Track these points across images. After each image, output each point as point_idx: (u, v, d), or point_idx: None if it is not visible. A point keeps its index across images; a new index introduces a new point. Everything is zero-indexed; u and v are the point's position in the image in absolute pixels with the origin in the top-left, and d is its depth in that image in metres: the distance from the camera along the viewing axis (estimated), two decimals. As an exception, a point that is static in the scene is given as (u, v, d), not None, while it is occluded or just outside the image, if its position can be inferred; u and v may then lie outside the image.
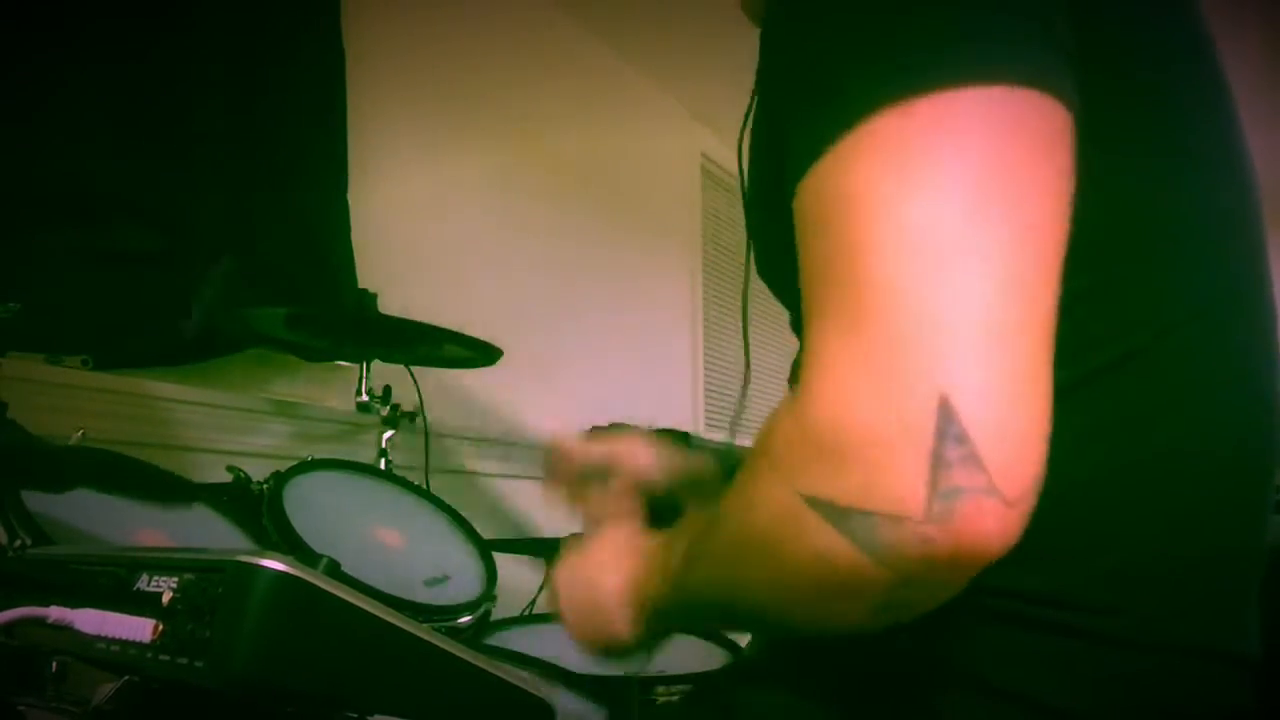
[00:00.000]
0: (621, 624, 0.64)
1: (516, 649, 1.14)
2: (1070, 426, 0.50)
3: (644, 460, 0.84)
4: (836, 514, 0.41)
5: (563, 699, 0.98)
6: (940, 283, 0.41)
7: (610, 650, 0.66)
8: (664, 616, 0.62)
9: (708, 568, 0.54)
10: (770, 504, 0.46)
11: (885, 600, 0.43)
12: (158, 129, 1.53)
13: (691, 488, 0.84)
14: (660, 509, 0.83)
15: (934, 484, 0.39)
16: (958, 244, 0.41)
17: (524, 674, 0.62)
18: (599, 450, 0.86)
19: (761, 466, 0.47)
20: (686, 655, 1.29)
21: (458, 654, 0.57)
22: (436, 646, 0.56)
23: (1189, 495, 0.53)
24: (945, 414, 0.39)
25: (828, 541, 0.42)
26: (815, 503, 0.42)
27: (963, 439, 0.39)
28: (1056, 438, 0.44)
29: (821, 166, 0.45)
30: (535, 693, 0.61)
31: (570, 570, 0.70)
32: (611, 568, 0.66)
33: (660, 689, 1.07)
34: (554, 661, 1.05)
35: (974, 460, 0.39)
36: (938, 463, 0.39)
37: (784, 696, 0.58)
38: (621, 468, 0.84)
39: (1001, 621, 0.52)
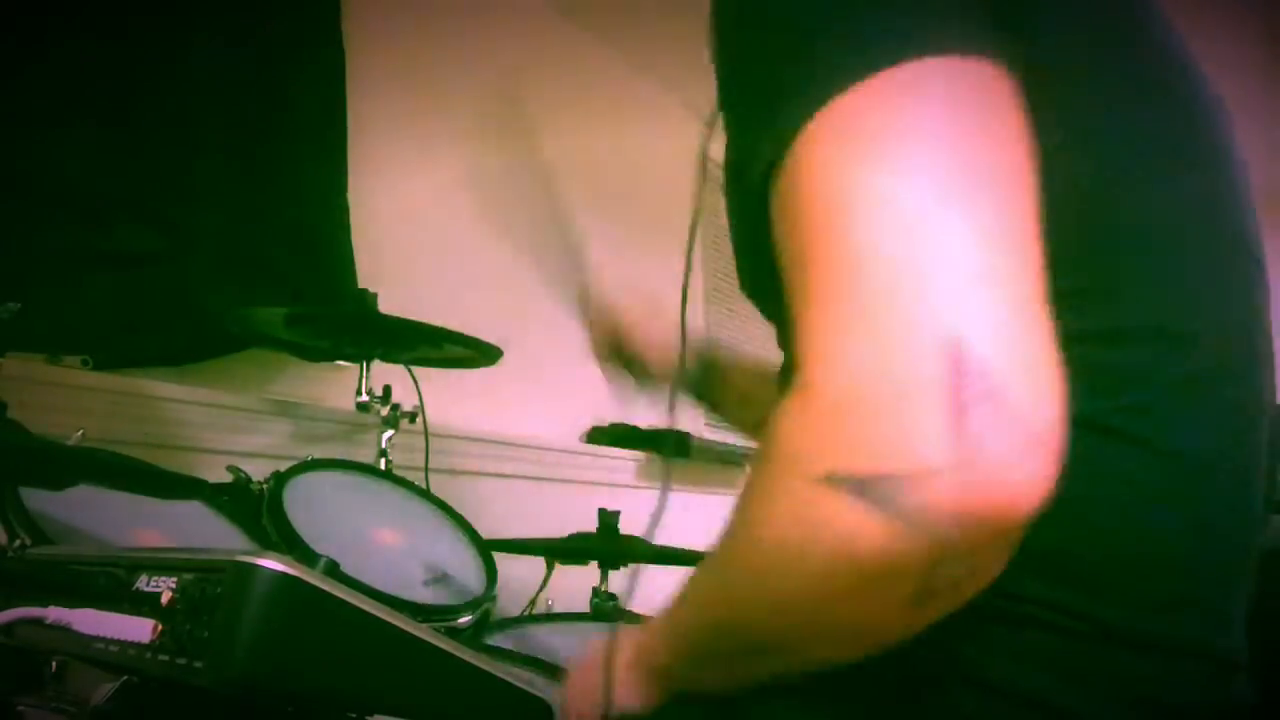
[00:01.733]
0: (627, 689, 0.58)
1: (516, 649, 1.13)
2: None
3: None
4: (859, 486, 0.38)
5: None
6: (922, 237, 0.40)
7: None
8: (668, 671, 0.57)
9: (705, 590, 0.51)
10: (785, 501, 0.43)
11: (925, 582, 0.40)
12: (158, 129, 1.53)
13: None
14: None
15: (957, 427, 0.37)
16: (936, 201, 0.41)
17: (524, 673, 0.62)
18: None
19: (768, 468, 0.44)
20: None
21: (458, 654, 0.57)
22: (436, 646, 0.56)
23: (1180, 498, 0.53)
24: (957, 354, 0.37)
25: (855, 520, 0.39)
26: (834, 480, 0.39)
27: (984, 373, 0.37)
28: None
29: (788, 161, 0.45)
30: (535, 692, 0.61)
31: (580, 664, 0.65)
32: (622, 645, 0.60)
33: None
34: (554, 660, 1.05)
35: (996, 395, 0.37)
36: (957, 406, 0.37)
37: (792, 700, 0.58)
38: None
39: (1001, 620, 0.51)
